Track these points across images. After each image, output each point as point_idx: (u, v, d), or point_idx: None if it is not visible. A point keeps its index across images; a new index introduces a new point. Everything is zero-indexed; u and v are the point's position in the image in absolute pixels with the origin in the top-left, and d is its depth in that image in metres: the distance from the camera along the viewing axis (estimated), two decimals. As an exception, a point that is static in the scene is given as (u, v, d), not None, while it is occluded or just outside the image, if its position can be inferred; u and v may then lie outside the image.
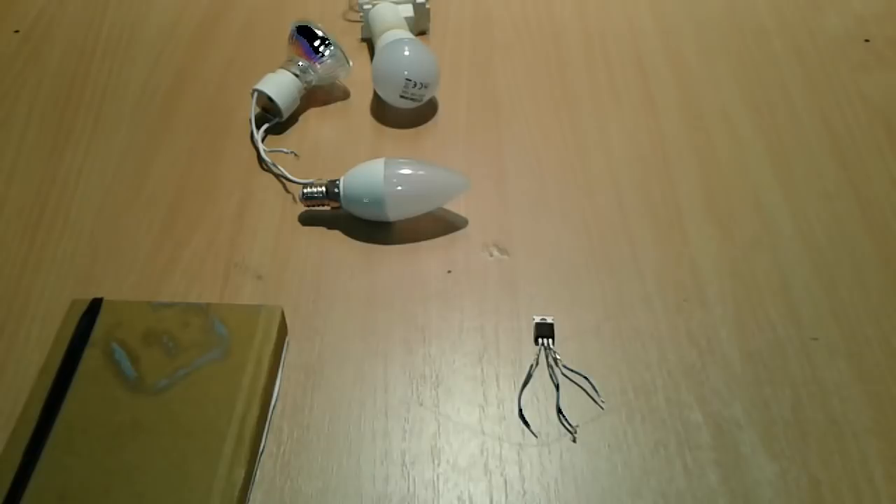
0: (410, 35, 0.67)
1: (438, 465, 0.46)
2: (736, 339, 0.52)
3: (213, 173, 0.63)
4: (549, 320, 0.52)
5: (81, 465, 0.43)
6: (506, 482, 0.46)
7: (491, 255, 0.57)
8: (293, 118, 0.67)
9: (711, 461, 0.46)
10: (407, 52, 0.64)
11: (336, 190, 0.57)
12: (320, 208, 0.59)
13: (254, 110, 0.65)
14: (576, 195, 0.61)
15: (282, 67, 0.65)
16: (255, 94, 0.64)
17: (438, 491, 0.45)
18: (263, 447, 0.47)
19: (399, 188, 0.56)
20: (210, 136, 0.66)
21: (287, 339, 0.52)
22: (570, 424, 0.48)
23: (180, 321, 0.49)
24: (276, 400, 0.49)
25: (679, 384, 0.50)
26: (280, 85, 0.64)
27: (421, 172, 0.57)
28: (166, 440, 0.44)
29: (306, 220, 0.60)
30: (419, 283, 0.55)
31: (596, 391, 0.49)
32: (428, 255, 0.57)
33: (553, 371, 0.50)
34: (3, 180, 0.63)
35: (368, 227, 0.59)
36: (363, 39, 0.75)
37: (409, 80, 0.63)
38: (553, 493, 0.45)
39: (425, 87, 0.64)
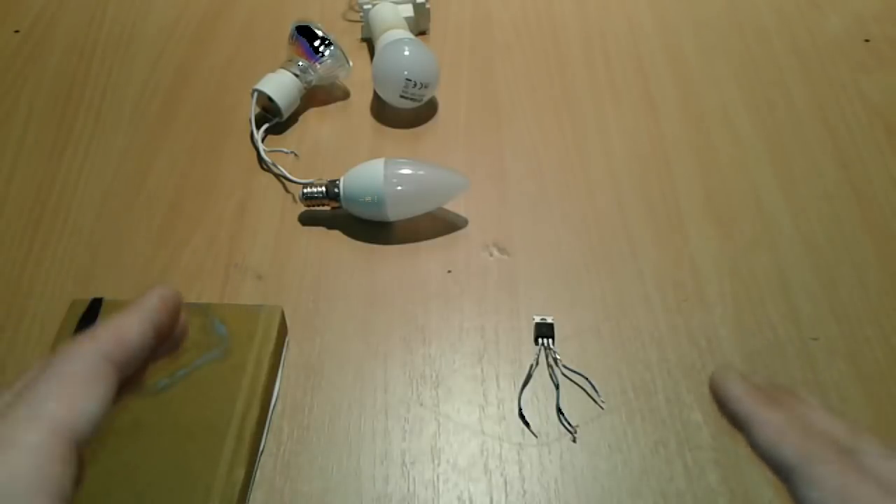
0: (410, 35, 0.67)
1: (438, 465, 0.46)
2: (736, 339, 0.52)
3: (213, 173, 0.63)
4: (549, 320, 0.52)
5: (81, 465, 0.43)
6: (506, 482, 0.46)
7: (491, 255, 0.57)
8: (293, 118, 0.67)
9: (711, 461, 0.46)
10: (407, 52, 0.64)
11: (336, 190, 0.57)
12: (320, 208, 0.59)
13: (254, 110, 0.65)
14: (576, 195, 0.61)
15: (282, 67, 0.65)
16: (255, 94, 0.64)
17: (438, 491, 0.45)
18: (263, 447, 0.47)
19: (399, 188, 0.56)
20: (210, 136, 0.66)
21: (287, 339, 0.52)
22: (570, 424, 0.48)
23: (180, 321, 0.49)
24: (276, 400, 0.49)
25: (679, 384, 0.50)
26: (280, 85, 0.64)
27: (421, 172, 0.57)
28: (166, 440, 0.44)
29: (306, 220, 0.60)
30: (419, 283, 0.55)
31: (596, 391, 0.49)
32: (428, 255, 0.57)
33: (553, 371, 0.50)
34: (3, 180, 0.63)
35: (368, 227, 0.59)
36: (363, 39, 0.75)
37: (409, 80, 0.63)
38: (553, 493, 0.45)
39: (425, 87, 0.64)
